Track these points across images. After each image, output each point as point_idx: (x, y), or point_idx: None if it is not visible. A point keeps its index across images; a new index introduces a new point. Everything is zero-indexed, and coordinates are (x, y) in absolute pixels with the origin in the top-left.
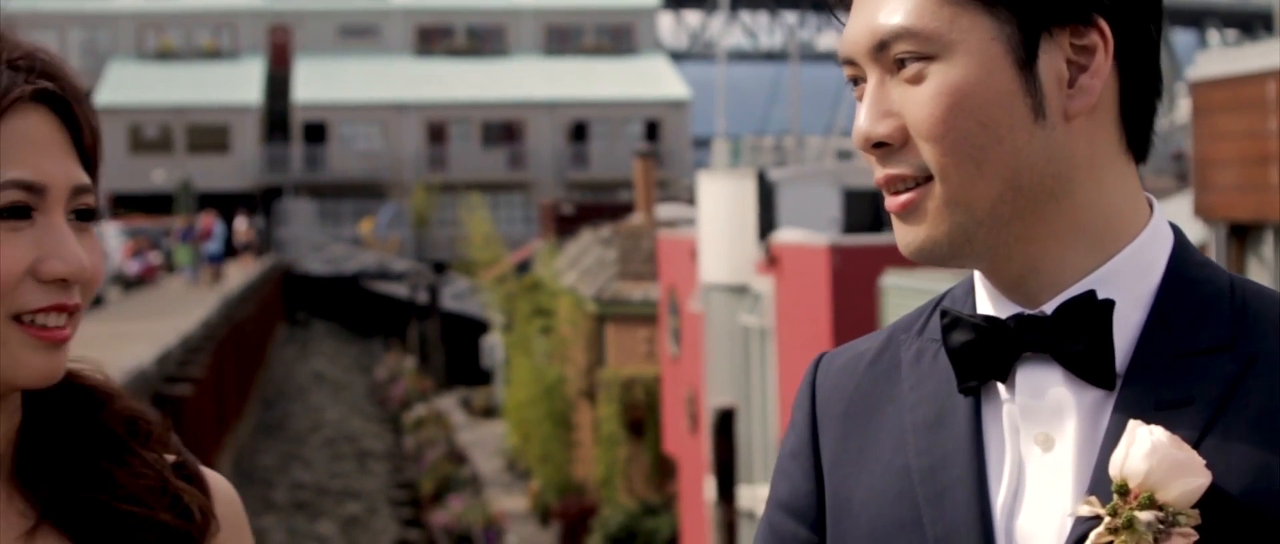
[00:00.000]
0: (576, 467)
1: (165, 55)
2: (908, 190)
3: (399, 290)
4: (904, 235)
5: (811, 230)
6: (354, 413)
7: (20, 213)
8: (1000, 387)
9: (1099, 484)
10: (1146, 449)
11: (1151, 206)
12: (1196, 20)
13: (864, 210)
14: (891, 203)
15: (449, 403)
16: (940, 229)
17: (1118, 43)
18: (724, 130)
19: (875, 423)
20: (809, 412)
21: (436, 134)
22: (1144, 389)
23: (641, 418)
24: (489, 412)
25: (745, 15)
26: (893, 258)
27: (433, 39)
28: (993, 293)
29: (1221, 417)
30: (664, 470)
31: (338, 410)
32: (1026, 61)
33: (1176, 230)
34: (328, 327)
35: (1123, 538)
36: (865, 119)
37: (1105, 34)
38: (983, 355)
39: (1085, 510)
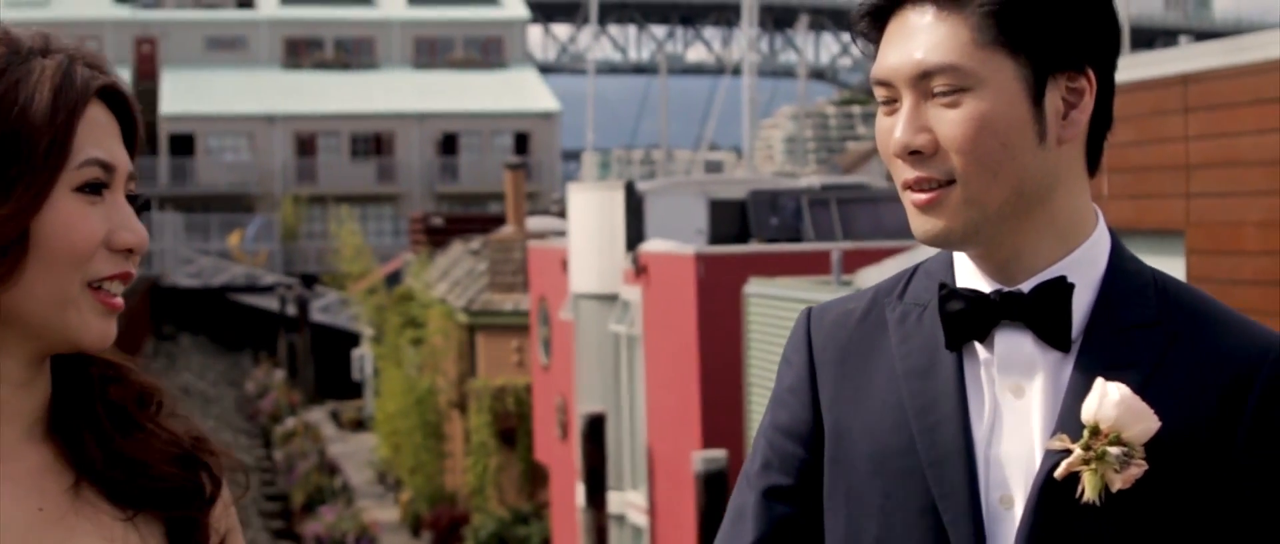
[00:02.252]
0: (448, 477)
1: None
2: (932, 190)
3: (268, 303)
4: (923, 225)
5: (679, 241)
6: (223, 426)
7: (96, 189)
8: (979, 346)
9: (1063, 424)
10: (1116, 399)
11: (1097, 213)
12: None
13: (729, 221)
14: (918, 199)
15: (319, 416)
16: (957, 221)
17: (1098, 88)
18: (593, 143)
19: (868, 369)
20: (806, 356)
21: (305, 146)
22: (1095, 354)
23: (513, 427)
24: (359, 424)
25: (614, 28)
26: (755, 266)
27: (301, 51)
28: (975, 272)
29: (1154, 378)
30: (535, 479)
31: (207, 424)
32: (1037, 97)
33: (1112, 232)
34: (195, 340)
35: (1093, 466)
36: (904, 131)
37: (1092, 80)
38: (971, 321)
39: (1057, 445)
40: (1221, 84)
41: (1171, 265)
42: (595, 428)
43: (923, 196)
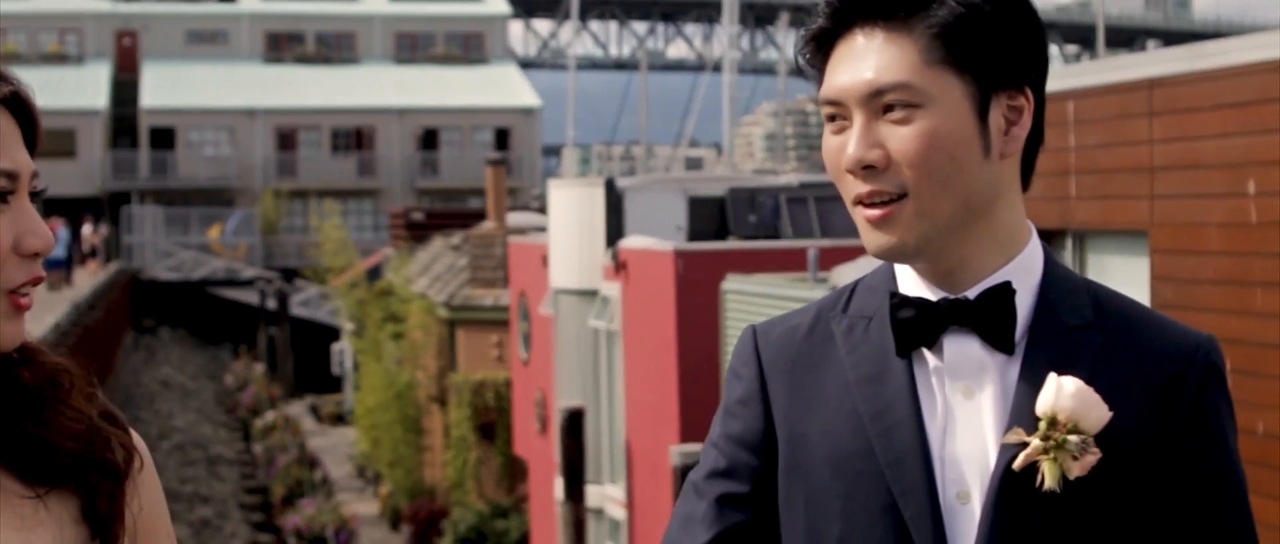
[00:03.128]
0: (427, 471)
1: (9, 58)
2: (884, 205)
3: (248, 297)
4: (877, 240)
5: (658, 237)
6: (203, 419)
7: (2, 198)
8: (927, 352)
9: (1016, 419)
10: (1072, 391)
11: (1030, 225)
12: None
13: (708, 218)
14: (870, 214)
15: (298, 409)
16: (910, 235)
17: (1033, 106)
18: (574, 138)
19: (819, 379)
20: (756, 369)
21: (286, 140)
22: (1039, 355)
23: (492, 421)
24: (338, 418)
25: (595, 24)
26: (734, 263)
27: (282, 45)
28: (919, 281)
29: (1096, 374)
30: (514, 473)
31: (186, 417)
32: (982, 114)
33: (1044, 242)
34: (175, 333)
35: (1052, 456)
36: (857, 147)
37: (1030, 99)
38: (921, 327)
39: (1013, 439)
40: (1185, 89)
41: (1136, 265)
42: (574, 422)
43: (876, 212)
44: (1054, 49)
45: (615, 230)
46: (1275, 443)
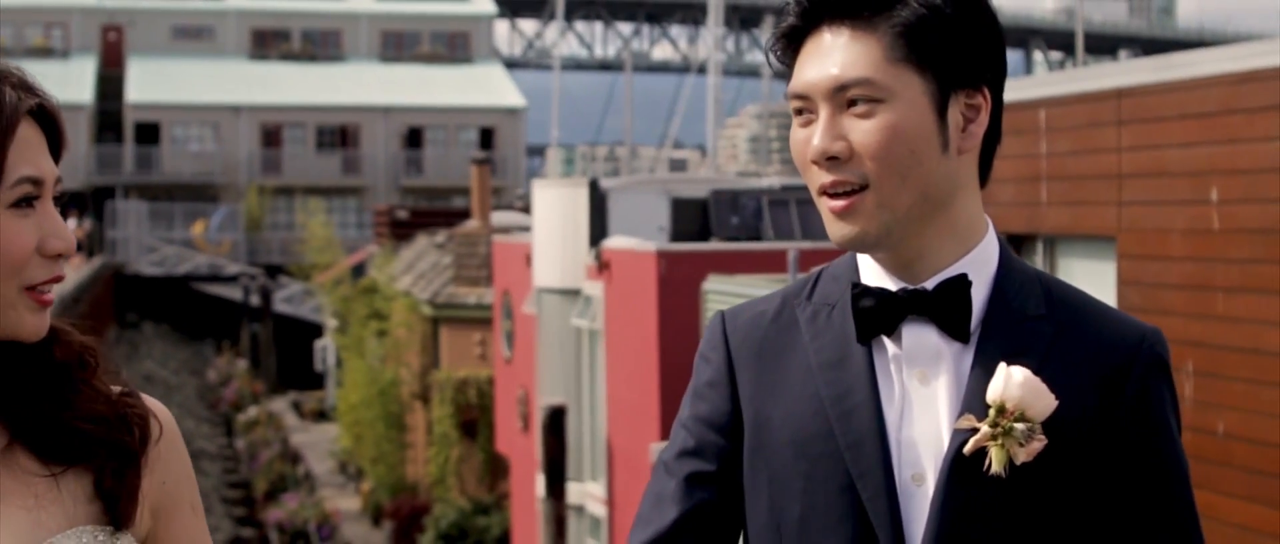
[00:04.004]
0: (409, 467)
1: None
2: (847, 196)
3: (231, 293)
4: (840, 229)
5: (641, 237)
6: (186, 414)
7: (28, 202)
8: (887, 340)
9: (968, 406)
10: (1020, 381)
11: (987, 220)
12: (1022, 41)
13: (691, 219)
14: (834, 205)
15: (281, 405)
16: (871, 225)
17: (991, 105)
18: (558, 139)
19: (783, 364)
20: (724, 354)
21: (270, 137)
22: (993, 344)
23: (475, 419)
24: (321, 415)
25: (580, 25)
26: (715, 264)
27: (268, 42)
28: (880, 272)
29: (1046, 364)
30: (496, 470)
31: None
32: (941, 111)
33: (1000, 236)
34: (158, 328)
35: (1000, 441)
36: (822, 139)
37: (987, 98)
38: (880, 316)
39: (964, 424)
40: (1152, 99)
41: (1104, 269)
42: (556, 420)
43: (839, 203)
44: (1037, 56)
45: (598, 230)
46: (1236, 443)
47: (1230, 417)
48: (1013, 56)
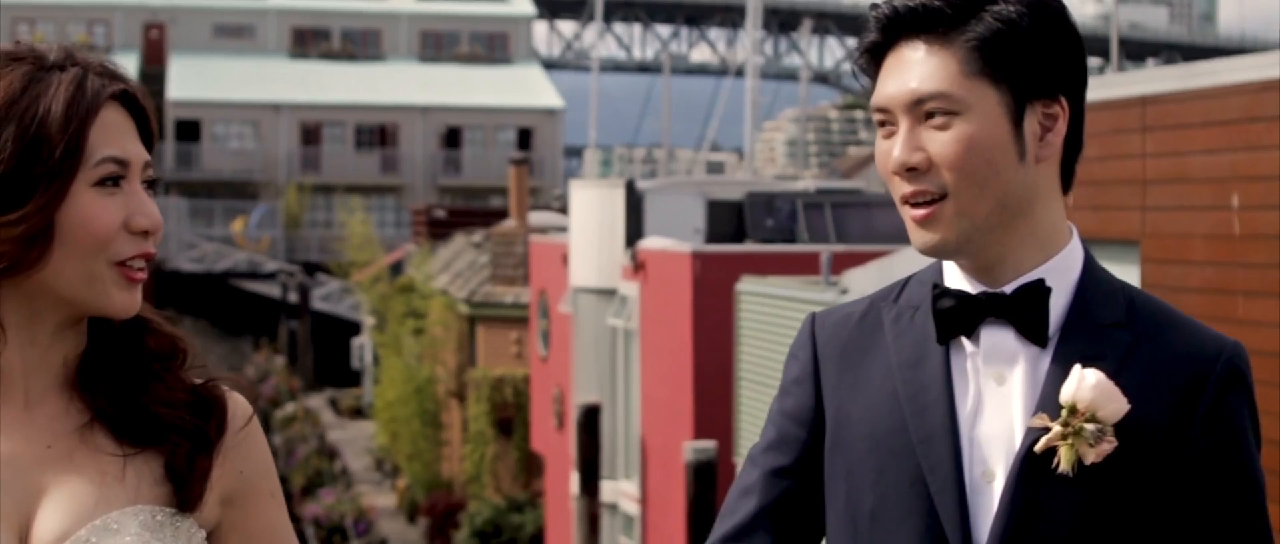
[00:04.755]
0: (444, 464)
1: None
2: (927, 205)
3: (270, 290)
4: (922, 237)
5: (677, 239)
6: None
7: (114, 181)
8: (966, 341)
9: (1043, 406)
10: (1093, 382)
11: (1072, 228)
12: None
13: (726, 221)
14: (916, 214)
15: (317, 402)
16: (951, 233)
17: (1070, 114)
18: (596, 140)
19: (866, 363)
20: (811, 352)
21: (310, 135)
22: (1070, 348)
23: (510, 417)
24: (357, 412)
25: (619, 26)
26: (749, 265)
27: (308, 41)
28: (963, 276)
29: (1123, 370)
30: (531, 468)
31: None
32: (1017, 121)
33: (1085, 245)
34: (197, 324)
35: (1070, 441)
36: (901, 151)
37: (1064, 107)
38: (960, 318)
39: (1037, 423)
40: (1176, 106)
41: (1128, 273)
42: (590, 418)
43: (920, 212)
44: None
45: (635, 231)
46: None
47: None
48: None
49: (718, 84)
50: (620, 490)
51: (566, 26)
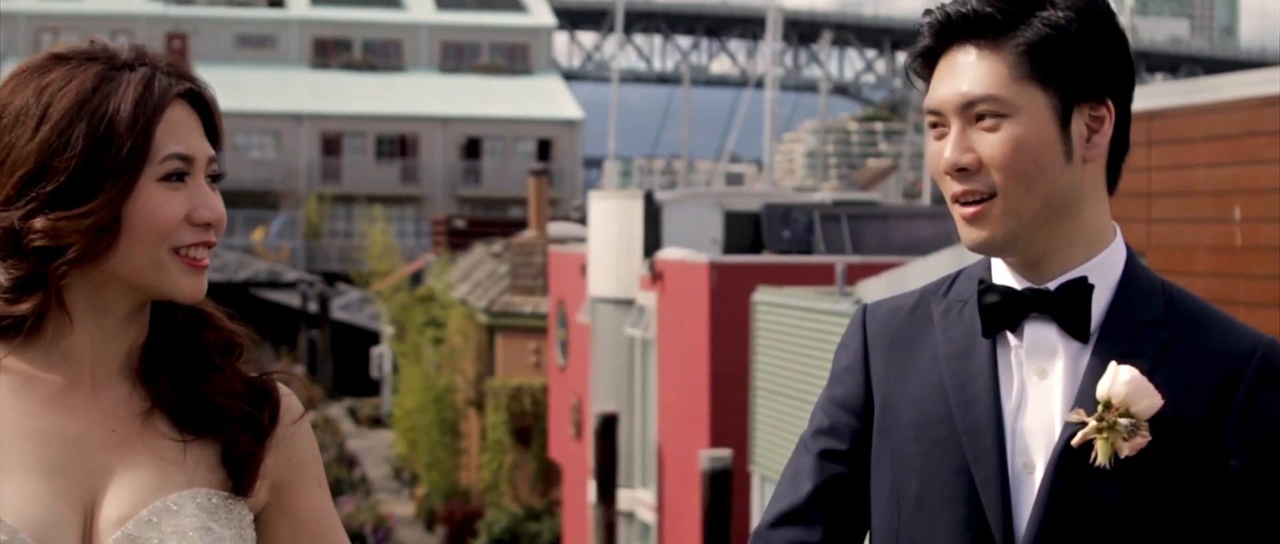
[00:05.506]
0: (463, 473)
1: None
2: (976, 204)
3: (290, 299)
4: (971, 234)
5: (694, 249)
6: None
7: (177, 177)
8: (1010, 335)
9: (1081, 401)
10: (1127, 378)
11: (1115, 228)
12: None
13: (743, 232)
14: (965, 212)
15: (337, 411)
16: (999, 230)
17: (1116, 117)
18: (615, 151)
19: (914, 353)
20: (861, 341)
21: (331, 146)
22: (1110, 344)
23: (528, 426)
24: (376, 421)
25: (639, 38)
26: (766, 276)
27: (329, 51)
28: (1009, 272)
29: (1160, 366)
30: (548, 477)
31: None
32: (1064, 123)
33: (1128, 245)
34: None
35: (1105, 434)
36: (953, 151)
37: (1111, 110)
38: (1005, 312)
39: (1074, 418)
40: (1180, 122)
41: None
42: (608, 427)
43: (970, 210)
44: None
45: (653, 242)
46: None
47: None
48: None
49: (737, 95)
50: (637, 499)
51: (587, 37)
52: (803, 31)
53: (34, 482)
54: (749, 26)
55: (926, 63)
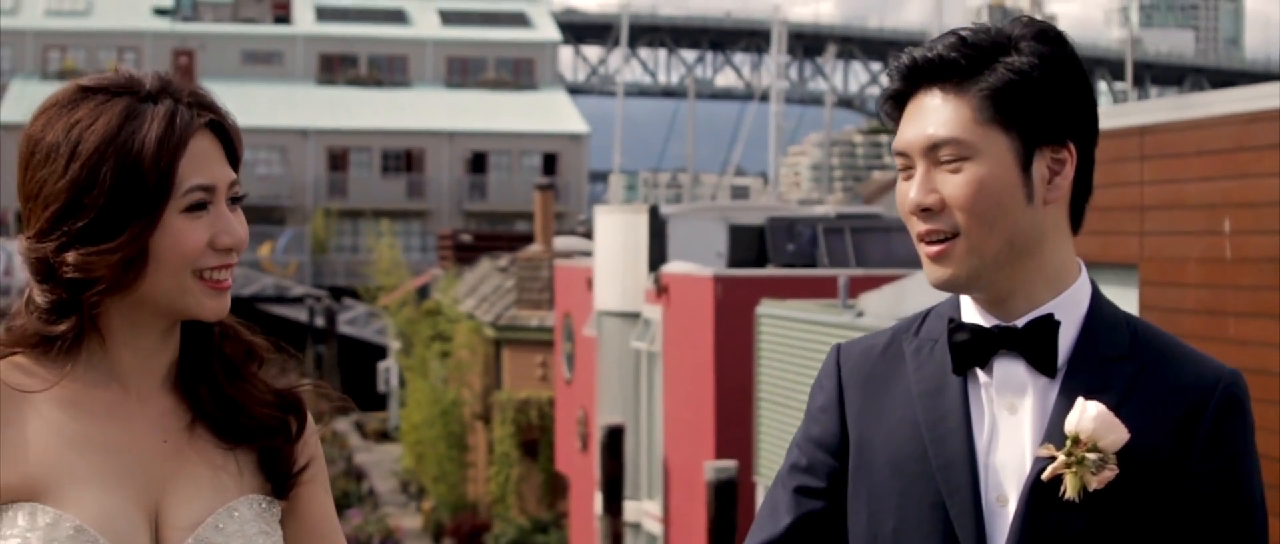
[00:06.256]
0: (470, 486)
1: (68, 75)
2: (940, 242)
3: (297, 314)
4: (935, 272)
5: (699, 263)
6: None
7: (200, 206)
8: (980, 372)
9: (1050, 436)
10: (1094, 414)
11: (1080, 265)
12: (1088, 71)
13: (748, 246)
14: (930, 250)
15: (344, 426)
16: (962, 269)
17: (1078, 159)
18: (621, 165)
19: (888, 392)
20: (836, 382)
21: (337, 161)
22: (1077, 380)
23: (535, 439)
24: (383, 435)
25: (644, 51)
26: (769, 289)
27: (335, 67)
28: (978, 310)
29: (1126, 401)
30: (555, 489)
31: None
32: (1025, 166)
33: (1093, 281)
34: None
35: (1074, 469)
36: (917, 193)
37: (1073, 153)
38: (974, 350)
39: (1044, 452)
40: (1172, 136)
41: (1127, 295)
42: (614, 439)
43: (934, 249)
44: (1102, 85)
45: (658, 256)
46: None
47: None
48: None
49: (742, 108)
50: (643, 510)
51: (592, 52)
52: (807, 44)
53: (106, 490)
54: (754, 40)
55: (896, 105)
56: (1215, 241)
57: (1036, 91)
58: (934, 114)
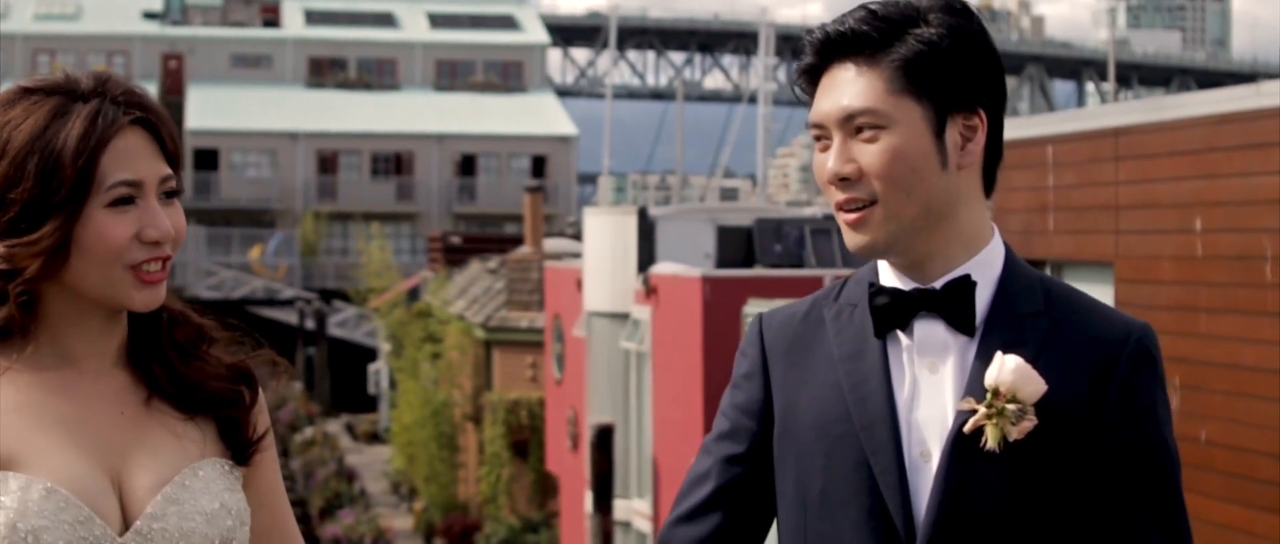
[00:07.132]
0: (461, 486)
1: None
2: (858, 210)
3: (287, 317)
4: (854, 239)
5: (687, 264)
6: None
7: (126, 201)
8: (901, 334)
9: (970, 390)
10: (1012, 366)
11: (993, 227)
12: (1074, 72)
13: (736, 247)
14: (848, 218)
15: (334, 428)
16: (880, 234)
17: (989, 125)
18: (610, 167)
19: (810, 357)
20: (759, 349)
21: (326, 164)
22: (995, 337)
23: (525, 439)
24: (373, 437)
25: (633, 54)
26: (756, 289)
27: (325, 71)
28: (896, 274)
29: (1042, 354)
30: (546, 489)
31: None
32: (939, 133)
33: (1006, 242)
34: None
35: (995, 420)
36: (835, 162)
37: (983, 120)
38: (894, 312)
39: (965, 406)
40: (1145, 137)
41: (1103, 292)
42: (604, 438)
43: (852, 216)
44: (1089, 86)
45: (647, 257)
46: (1217, 449)
47: (1211, 425)
48: (1065, 87)
49: (731, 111)
50: (633, 509)
51: (580, 54)
52: (795, 46)
53: (69, 457)
54: (742, 41)
55: (810, 79)
56: (1187, 240)
57: (946, 61)
58: (848, 86)
